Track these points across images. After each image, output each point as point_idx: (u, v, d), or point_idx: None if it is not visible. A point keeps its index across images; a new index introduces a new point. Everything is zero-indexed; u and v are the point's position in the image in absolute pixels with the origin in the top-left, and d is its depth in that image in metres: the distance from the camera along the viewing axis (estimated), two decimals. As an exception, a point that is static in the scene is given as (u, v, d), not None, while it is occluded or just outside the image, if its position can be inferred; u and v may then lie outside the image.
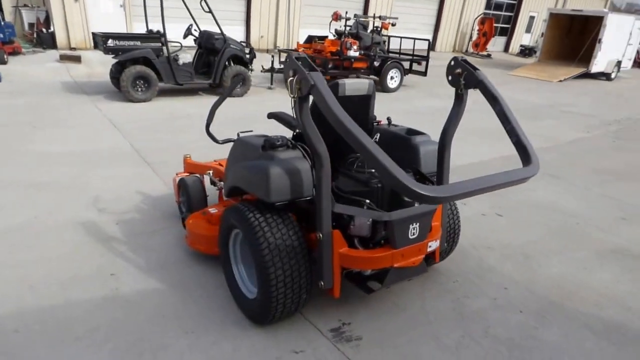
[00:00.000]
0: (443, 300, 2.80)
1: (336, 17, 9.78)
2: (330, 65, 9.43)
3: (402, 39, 11.42)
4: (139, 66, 7.45)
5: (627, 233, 3.91)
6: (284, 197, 2.19)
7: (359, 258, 2.25)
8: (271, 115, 2.86)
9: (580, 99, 11.43)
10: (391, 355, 2.31)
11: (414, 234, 2.30)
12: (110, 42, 7.26)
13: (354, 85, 2.59)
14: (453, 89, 2.48)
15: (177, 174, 3.66)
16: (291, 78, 1.95)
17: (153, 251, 3.14)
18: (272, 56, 9.58)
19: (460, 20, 19.40)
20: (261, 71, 9.62)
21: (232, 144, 2.75)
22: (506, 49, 21.97)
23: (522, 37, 22.17)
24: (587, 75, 15.02)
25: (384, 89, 10.22)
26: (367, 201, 2.31)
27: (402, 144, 2.78)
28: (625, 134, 8.06)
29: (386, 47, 11.09)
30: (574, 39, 16.75)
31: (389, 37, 11.37)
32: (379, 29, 10.79)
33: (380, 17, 10.67)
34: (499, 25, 20.85)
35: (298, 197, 2.23)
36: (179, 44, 7.99)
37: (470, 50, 19.51)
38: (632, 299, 2.96)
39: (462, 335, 2.50)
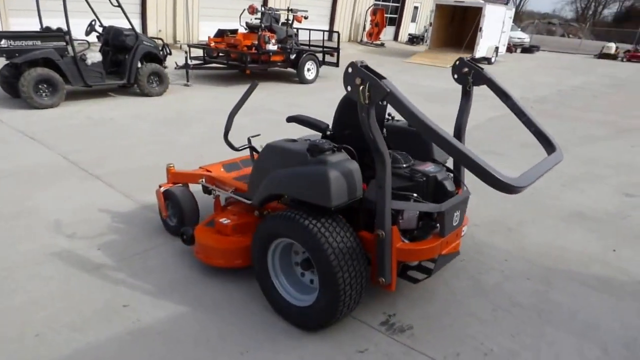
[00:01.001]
0: (461, 279, 2.98)
1: (252, 10, 9.53)
2: (248, 60, 9.16)
3: (311, 31, 11.58)
4: (40, 68, 6.51)
5: (572, 198, 4.52)
6: (342, 200, 2.15)
7: (415, 250, 2.30)
8: (293, 119, 2.76)
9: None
10: (445, 338, 2.41)
11: (456, 221, 2.42)
12: (3, 43, 6.22)
13: None
14: None
15: (160, 186, 3.32)
16: (362, 86, 1.92)
17: (156, 272, 2.84)
18: (186, 52, 9.03)
19: (353, 11, 20.16)
20: (175, 68, 9.03)
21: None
22: (396, 37, 23.42)
23: (409, 27, 23.82)
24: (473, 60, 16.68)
25: (302, 80, 10.28)
26: (415, 195, 2.36)
27: (413, 137, 2.86)
28: (542, 105, 9.18)
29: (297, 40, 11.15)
30: (456, 28, 18.49)
31: (297, 29, 11.43)
32: (289, 21, 10.77)
33: (291, 10, 10.65)
34: (388, 15, 22.09)
35: (352, 199, 2.20)
36: (86, 42, 7.15)
37: (365, 40, 20.43)
38: (607, 255, 3.45)
39: (493, 308, 2.69)
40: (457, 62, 2.74)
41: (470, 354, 2.30)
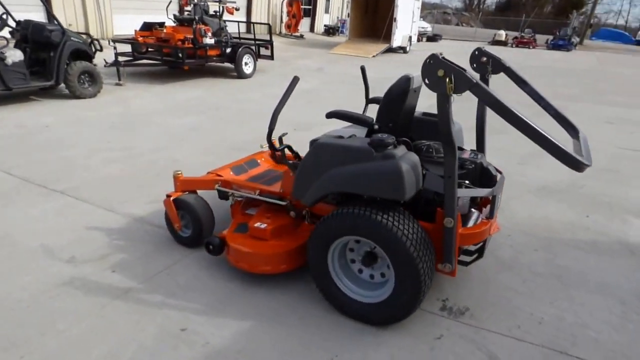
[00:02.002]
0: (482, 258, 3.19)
1: (186, 2, 9.01)
2: (181, 55, 8.64)
3: (239, 24, 11.29)
4: (-51, 71, 5.61)
5: (533, 173, 5.02)
6: (413, 193, 2.20)
7: (474, 234, 2.43)
8: (333, 115, 2.71)
9: (401, 70, 13.31)
10: (500, 314, 2.59)
11: (497, 204, 2.60)
12: None
13: (417, 78, 2.68)
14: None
15: (168, 195, 3.07)
16: (447, 78, 1.97)
17: (194, 289, 2.66)
18: (115, 48, 8.30)
19: (269, 3, 19.93)
20: (105, 66, 8.27)
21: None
22: (312, 29, 23.61)
23: (323, 18, 24.14)
24: (390, 50, 17.47)
25: (240, 75, 10.02)
26: (466, 182, 2.48)
27: (433, 125, 2.97)
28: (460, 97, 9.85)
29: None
30: (370, 18, 19.16)
31: (226, 22, 11.06)
32: (218, 13, 10.38)
33: (221, 1, 10.26)
34: (303, 6, 22.17)
35: (418, 190, 2.26)
36: (4, 39, 6.28)
37: (284, 32, 20.34)
38: (583, 220, 3.90)
39: (522, 280, 2.94)
40: (476, 52, 2.88)
41: (528, 325, 2.50)
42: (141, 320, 2.38)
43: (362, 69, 3.34)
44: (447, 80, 1.97)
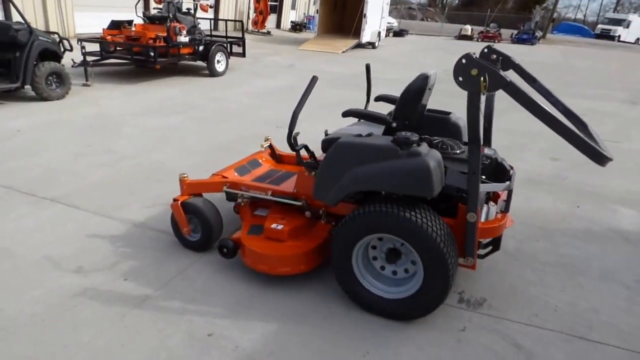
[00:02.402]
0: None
1: (159, 0, 8.73)
2: (153, 54, 8.34)
3: (212, 21, 11.06)
4: None
5: (517, 166, 5.15)
6: (439, 189, 2.22)
7: (493, 228, 2.49)
8: (350, 114, 2.70)
9: (372, 65, 13.40)
10: (517, 303, 2.66)
11: (511, 198, 2.67)
12: None
13: (434, 76, 2.72)
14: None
15: (175, 200, 2.97)
16: (481, 77, 2.00)
17: (213, 293, 2.60)
18: (84, 47, 7.94)
19: (236, -1, 19.63)
20: (73, 66, 7.89)
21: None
22: (278, 25, 23.43)
23: (289, 14, 23.98)
24: (359, 45, 17.58)
25: (213, 73, 9.82)
26: (483, 177, 2.53)
27: (440, 122, 3.02)
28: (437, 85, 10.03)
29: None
30: (339, 14, 19.21)
31: (198, 19, 10.81)
32: (190, 10, 10.13)
33: (194, -1, 10.01)
34: (270, 2, 21.95)
35: (442, 186, 2.29)
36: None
37: (251, 28, 20.08)
38: (575, 211, 4.06)
39: (532, 270, 3.04)
40: (486, 50, 2.92)
41: (545, 313, 2.59)
42: (166, 327, 2.30)
43: (367, 67, 3.34)
44: (482, 79, 2.00)
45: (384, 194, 2.44)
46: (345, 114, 2.77)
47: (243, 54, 10.85)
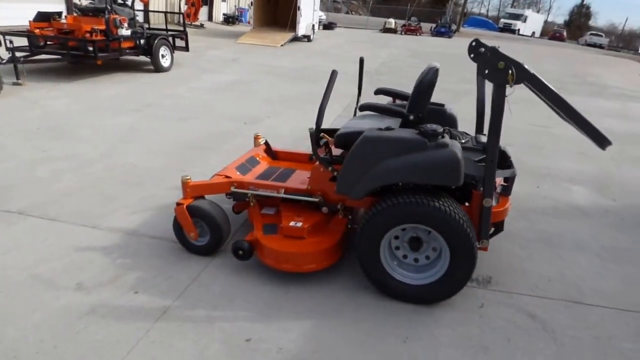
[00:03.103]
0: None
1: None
2: (93, 48, 7.76)
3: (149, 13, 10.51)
4: None
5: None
6: (463, 178, 2.37)
7: (501, 212, 2.68)
8: (367, 108, 2.75)
9: (313, 59, 13.51)
10: (519, 278, 2.91)
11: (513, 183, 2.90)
12: None
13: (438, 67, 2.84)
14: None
15: (179, 203, 2.85)
16: (509, 70, 2.15)
17: (237, 297, 2.56)
18: (11, 42, 7.19)
19: (165, -10, 18.71)
20: (1, 63, 7.13)
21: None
22: (210, 18, 22.68)
23: (221, 6, 23.28)
24: (295, 39, 17.57)
25: (158, 69, 9.36)
26: (489, 164, 2.71)
27: (437, 113, 3.17)
28: (381, 77, 10.31)
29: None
30: (273, 7, 19.03)
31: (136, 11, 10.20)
32: (127, 2, 9.53)
33: (132, -11, 9.40)
34: (199, -6, 21.17)
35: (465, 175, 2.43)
36: None
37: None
38: (536, 191, 4.46)
39: (520, 246, 3.32)
40: (474, 43, 3.09)
41: (542, 284, 2.86)
42: (199, 338, 2.24)
43: (361, 61, 3.40)
44: (510, 72, 2.15)
45: (401, 185, 2.54)
46: (362, 108, 2.82)
47: (186, 48, 10.42)
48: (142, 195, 3.74)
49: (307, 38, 18.33)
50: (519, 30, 41.42)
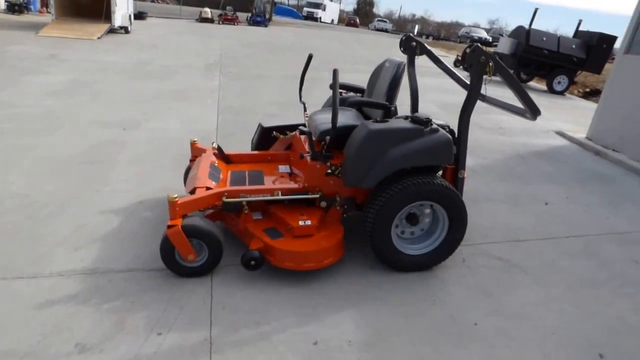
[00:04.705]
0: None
1: None
2: None
3: None
4: None
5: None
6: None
7: (464, 179, 3.18)
8: (356, 103, 2.85)
9: (147, 53, 12.37)
10: (476, 229, 3.46)
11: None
12: None
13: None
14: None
15: (171, 225, 2.53)
16: (489, 63, 2.57)
17: (269, 308, 2.49)
18: None
19: None
20: None
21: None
22: (-16, 6, 18.30)
23: (-3, -8, 18.95)
24: (111, 30, 15.74)
25: None
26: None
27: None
28: (230, 69, 10.11)
29: None
30: (76, -5, 16.55)
31: None
32: None
33: None
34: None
35: None
36: None
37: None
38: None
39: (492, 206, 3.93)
40: (404, 38, 3.49)
41: (492, 232, 3.50)
42: (268, 357, 2.13)
43: (310, 57, 3.46)
44: (489, 65, 2.58)
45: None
46: (350, 104, 2.94)
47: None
48: (70, 228, 3.13)
49: (125, 29, 16.57)
50: (320, 18, 45.00)
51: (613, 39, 13.13)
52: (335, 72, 2.60)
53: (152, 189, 3.78)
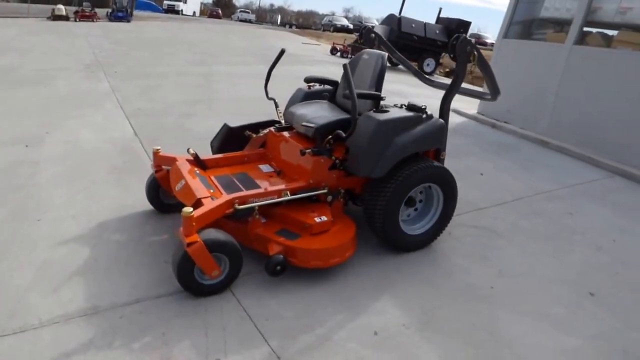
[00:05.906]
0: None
1: None
2: None
3: None
4: None
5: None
6: None
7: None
8: (346, 96, 2.86)
9: (8, 56, 10.51)
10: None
11: None
12: None
13: None
14: None
15: (191, 243, 2.29)
16: (474, 53, 2.82)
17: (314, 309, 2.45)
18: None
19: None
20: None
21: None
22: None
23: None
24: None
25: None
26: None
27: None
28: (115, 68, 9.11)
29: None
30: None
31: None
32: None
33: None
34: None
35: None
36: None
37: None
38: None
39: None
40: (364, 30, 3.63)
41: (460, 204, 3.84)
42: (340, 356, 2.11)
43: (282, 51, 3.36)
44: (474, 54, 2.83)
45: None
46: (345, 96, 2.94)
47: None
48: (30, 271, 2.59)
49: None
50: (182, 10, 42.84)
51: (468, 24, 15.09)
52: (345, 67, 2.60)
53: (106, 209, 3.33)
